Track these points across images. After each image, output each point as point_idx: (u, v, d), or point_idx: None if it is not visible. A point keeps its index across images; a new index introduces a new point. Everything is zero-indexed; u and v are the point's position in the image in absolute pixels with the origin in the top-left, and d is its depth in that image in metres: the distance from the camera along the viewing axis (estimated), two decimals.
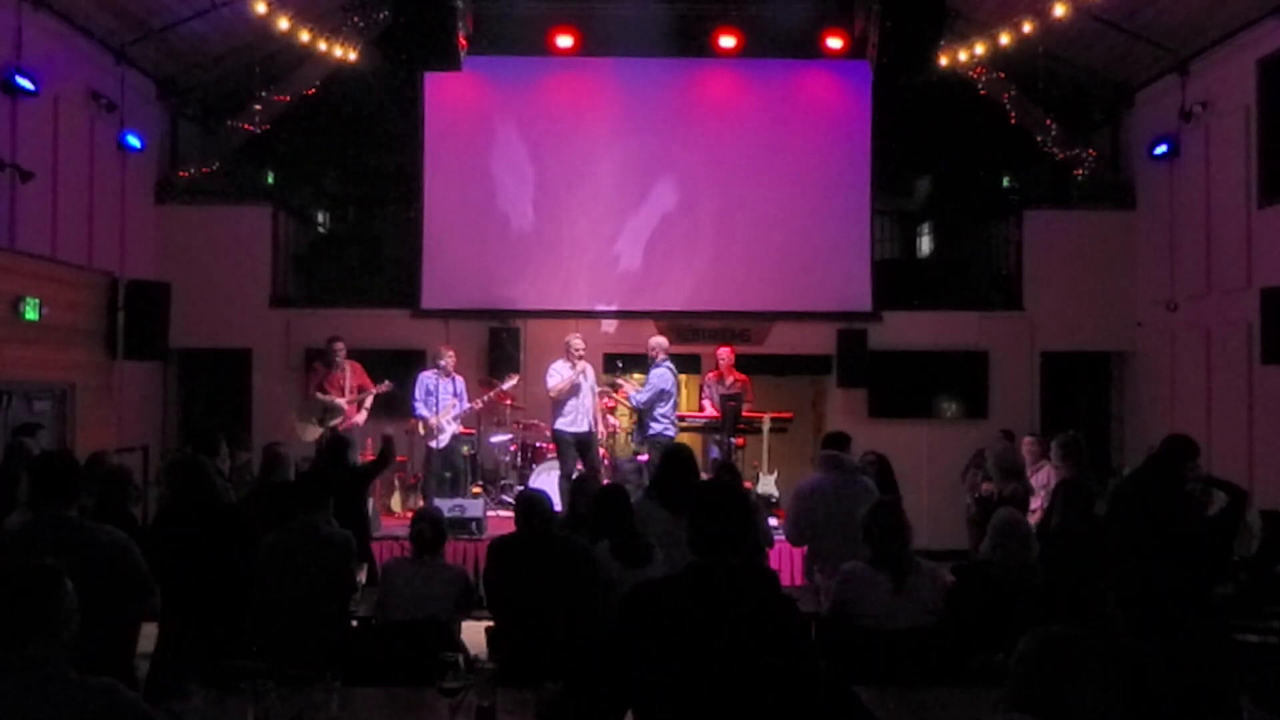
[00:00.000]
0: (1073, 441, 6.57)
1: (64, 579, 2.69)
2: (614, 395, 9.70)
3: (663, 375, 9.07)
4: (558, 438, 9.14)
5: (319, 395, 9.43)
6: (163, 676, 4.47)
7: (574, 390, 9.01)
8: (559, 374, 9.06)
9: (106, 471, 5.65)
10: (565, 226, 11.46)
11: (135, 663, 4.31)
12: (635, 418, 9.58)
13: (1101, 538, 5.13)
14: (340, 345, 9.51)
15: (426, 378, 9.43)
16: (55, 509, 3.86)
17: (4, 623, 2.59)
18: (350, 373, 9.51)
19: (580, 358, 9.10)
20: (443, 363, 9.43)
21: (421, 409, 9.33)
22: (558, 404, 9.07)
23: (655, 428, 9.02)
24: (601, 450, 9.73)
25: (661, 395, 9.02)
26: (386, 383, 9.55)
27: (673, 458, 5.52)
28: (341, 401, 9.37)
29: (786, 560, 7.98)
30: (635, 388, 9.54)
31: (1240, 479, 8.80)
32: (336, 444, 7.11)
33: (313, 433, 9.34)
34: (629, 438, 10.15)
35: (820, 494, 5.94)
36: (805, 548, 6.28)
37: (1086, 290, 11.29)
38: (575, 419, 9.05)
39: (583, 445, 9.09)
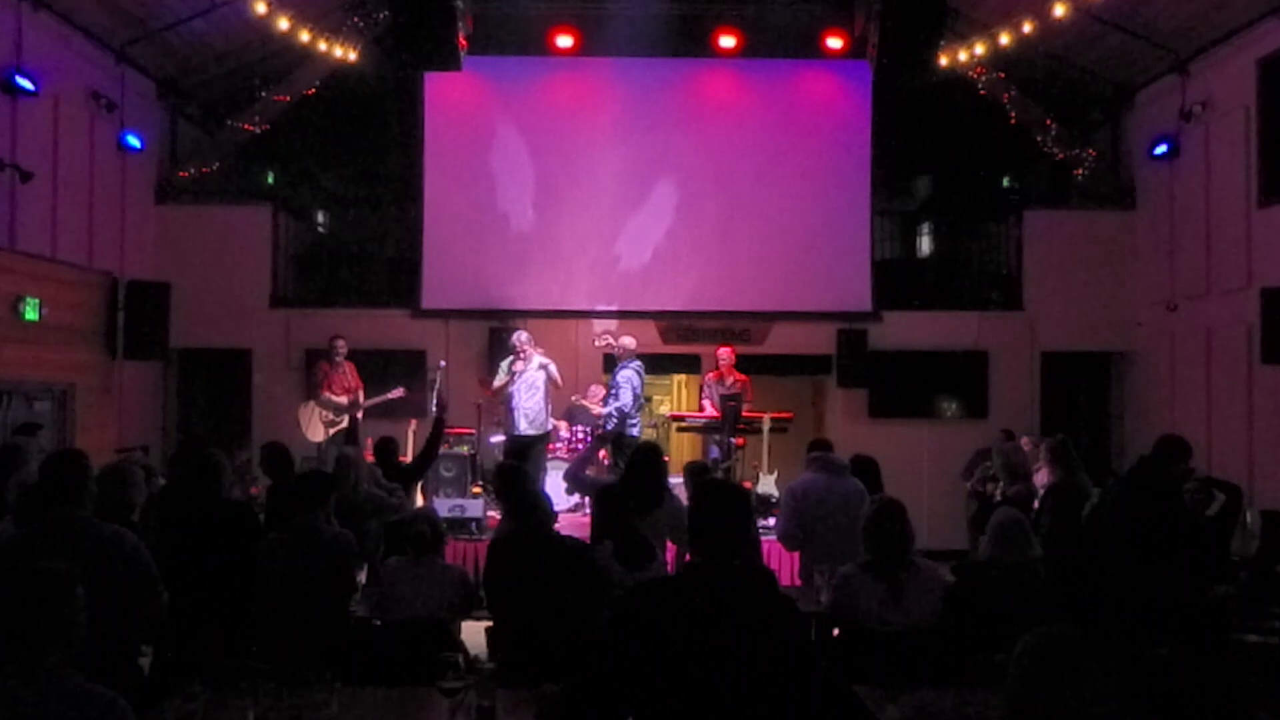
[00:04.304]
0: (1061, 445, 6.57)
1: (76, 585, 2.67)
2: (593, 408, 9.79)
3: (630, 378, 9.04)
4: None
5: (328, 395, 9.43)
6: (163, 676, 4.47)
7: (511, 388, 9.09)
8: (501, 372, 9.26)
9: (109, 472, 5.63)
10: (565, 226, 11.46)
11: (139, 662, 4.31)
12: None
13: (1092, 540, 5.12)
14: (342, 343, 9.55)
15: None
16: (65, 509, 3.85)
17: (17, 630, 2.58)
18: (349, 372, 9.54)
19: (518, 354, 9.09)
20: None
21: None
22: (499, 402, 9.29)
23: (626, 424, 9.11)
24: (602, 452, 9.73)
25: (636, 398, 9.06)
26: (400, 389, 9.57)
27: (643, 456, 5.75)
28: (345, 401, 9.40)
29: (786, 560, 7.96)
30: (596, 406, 9.56)
31: (1240, 479, 8.82)
32: (385, 446, 7.36)
33: (319, 431, 9.36)
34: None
35: (812, 493, 5.92)
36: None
37: (1086, 290, 11.29)
38: (510, 419, 9.15)
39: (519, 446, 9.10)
